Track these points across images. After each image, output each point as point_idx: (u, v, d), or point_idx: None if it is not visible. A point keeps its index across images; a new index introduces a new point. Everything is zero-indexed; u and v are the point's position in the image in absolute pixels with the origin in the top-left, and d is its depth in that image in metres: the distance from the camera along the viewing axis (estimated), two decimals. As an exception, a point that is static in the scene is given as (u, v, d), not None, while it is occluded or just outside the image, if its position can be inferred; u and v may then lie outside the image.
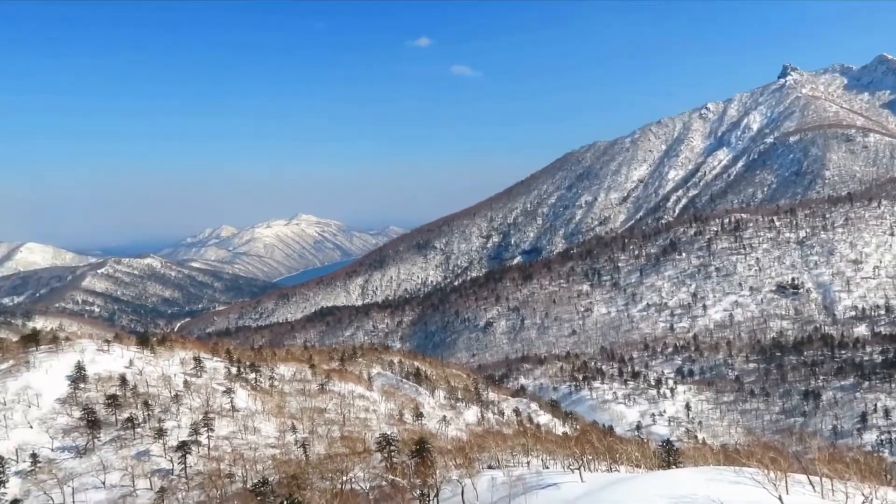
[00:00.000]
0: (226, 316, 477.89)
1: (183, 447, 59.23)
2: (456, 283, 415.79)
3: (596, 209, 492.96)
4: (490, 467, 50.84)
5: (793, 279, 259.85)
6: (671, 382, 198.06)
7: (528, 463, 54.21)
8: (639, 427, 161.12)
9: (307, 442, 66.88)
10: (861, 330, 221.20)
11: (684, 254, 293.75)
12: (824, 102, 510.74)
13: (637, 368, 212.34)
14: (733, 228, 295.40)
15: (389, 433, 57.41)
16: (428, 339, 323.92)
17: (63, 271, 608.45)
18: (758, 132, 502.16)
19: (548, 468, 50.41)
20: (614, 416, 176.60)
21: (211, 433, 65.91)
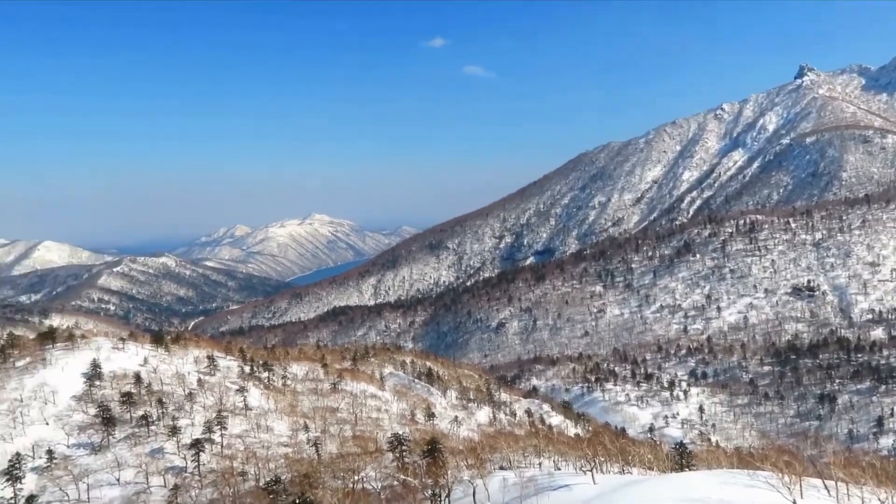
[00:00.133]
0: (239, 315, 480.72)
1: (196, 445, 59.65)
2: (468, 284, 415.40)
3: (609, 210, 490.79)
4: (502, 468, 50.77)
5: (808, 281, 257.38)
6: (684, 384, 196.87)
7: (540, 464, 54.08)
8: (651, 429, 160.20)
9: (319, 441, 67.12)
10: (878, 333, 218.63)
11: (698, 255, 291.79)
12: (841, 103, 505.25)
13: (650, 370, 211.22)
14: (748, 230, 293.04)
15: (401, 433, 57.49)
16: (440, 339, 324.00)
17: (79, 270, 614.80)
18: (774, 133, 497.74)
19: (559, 469, 50.27)
20: (627, 417, 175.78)
21: (224, 431, 66.34)
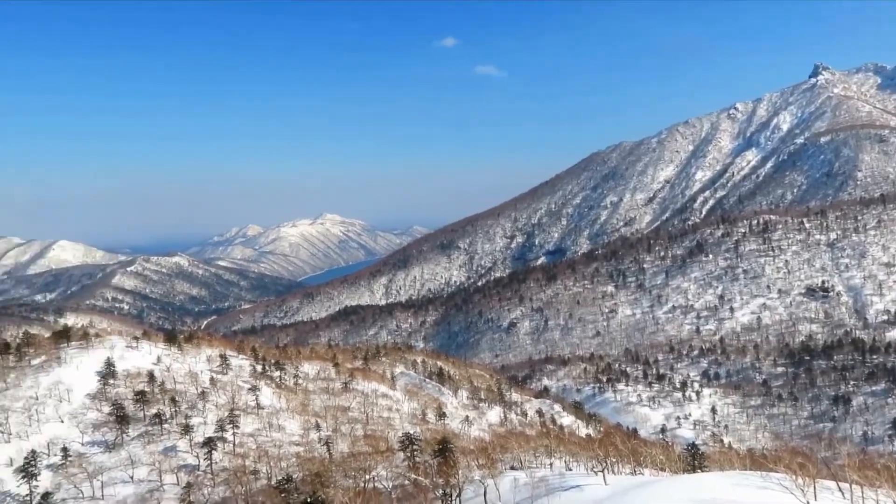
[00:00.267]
0: (251, 314, 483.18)
1: (209, 443, 60.04)
2: (479, 284, 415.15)
3: (621, 210, 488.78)
4: (513, 468, 50.72)
5: (823, 282, 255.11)
6: (697, 385, 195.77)
7: (551, 464, 53.97)
8: (663, 430, 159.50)
9: (331, 440, 67.36)
10: (893, 334, 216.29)
11: (711, 255, 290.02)
12: (857, 102, 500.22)
13: (662, 371, 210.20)
14: (762, 230, 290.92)
15: (412, 432, 57.58)
16: (451, 339, 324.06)
17: (94, 269, 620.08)
18: (788, 132, 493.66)
19: (571, 470, 50.16)
20: (639, 418, 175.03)
21: (236, 430, 66.75)
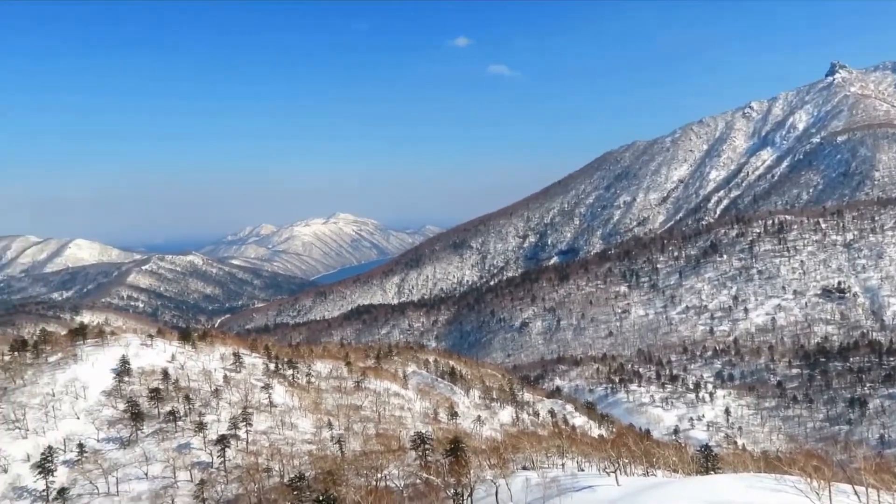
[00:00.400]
0: (265, 313, 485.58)
1: (222, 441, 60.46)
2: (492, 283, 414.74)
3: (634, 210, 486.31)
4: (524, 468, 50.69)
5: (839, 283, 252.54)
6: (710, 387, 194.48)
7: (563, 465, 53.88)
8: (676, 431, 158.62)
9: (343, 438, 67.59)
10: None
11: (725, 256, 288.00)
12: (874, 101, 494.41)
13: (675, 372, 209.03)
14: (777, 230, 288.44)
15: (424, 432, 57.70)
16: (463, 338, 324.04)
17: (109, 267, 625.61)
18: (804, 132, 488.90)
19: (583, 471, 50.04)
20: (651, 419, 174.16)
21: (249, 428, 67.15)
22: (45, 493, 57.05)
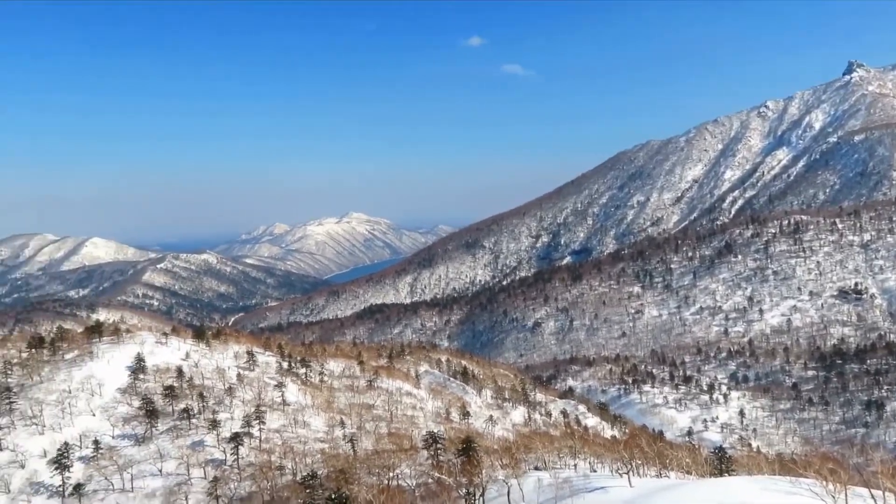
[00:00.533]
0: (278, 311, 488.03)
1: (236, 439, 60.86)
2: (504, 283, 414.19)
3: (648, 209, 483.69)
4: (536, 468, 50.61)
5: (856, 284, 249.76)
6: (724, 388, 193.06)
7: (576, 465, 53.74)
8: (690, 433, 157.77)
9: (355, 437, 67.79)
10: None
11: (740, 256, 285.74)
12: (892, 100, 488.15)
13: (689, 373, 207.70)
14: (793, 230, 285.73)
15: (436, 431, 57.76)
16: (475, 338, 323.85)
17: (125, 266, 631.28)
18: (820, 131, 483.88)
19: (595, 472, 49.89)
20: (664, 420, 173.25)
21: (262, 426, 67.52)
22: (61, 488, 57.72)
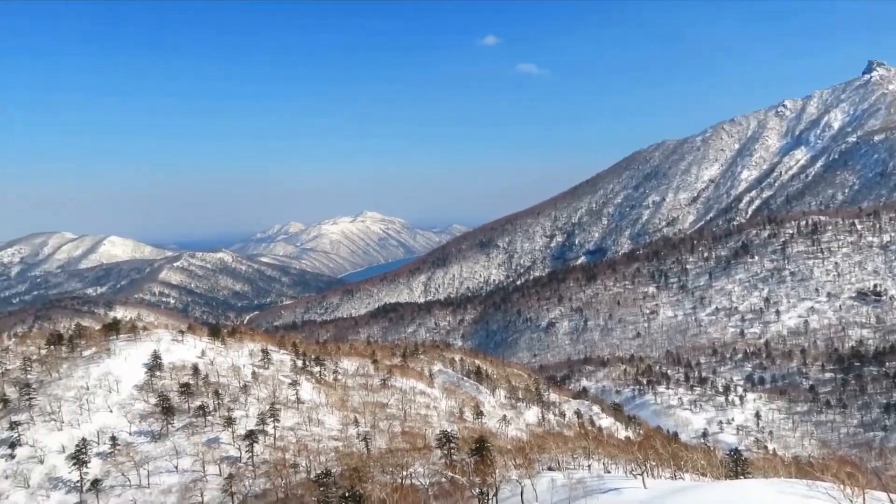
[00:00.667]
0: (292, 310, 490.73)
1: (250, 436, 61.28)
2: (518, 283, 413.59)
3: (664, 209, 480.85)
4: (550, 469, 50.48)
5: (875, 286, 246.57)
6: (740, 390, 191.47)
7: (589, 466, 53.56)
8: (705, 434, 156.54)
9: (369, 436, 67.99)
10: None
11: (757, 257, 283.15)
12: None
13: (704, 374, 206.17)
14: (811, 231, 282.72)
15: (449, 430, 57.79)
16: (489, 337, 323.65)
17: (142, 264, 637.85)
18: (839, 131, 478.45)
19: (609, 472, 49.72)
20: (679, 422, 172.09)
21: (277, 423, 67.92)
22: (79, 483, 58.45)
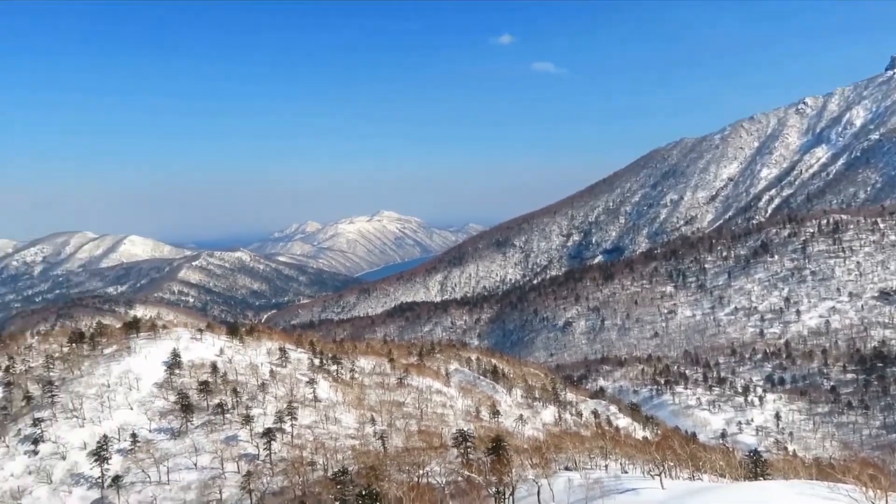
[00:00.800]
0: (310, 309, 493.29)
1: (268, 434, 61.76)
2: (535, 282, 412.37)
3: (682, 208, 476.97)
4: (567, 469, 50.35)
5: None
6: (760, 390, 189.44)
7: (606, 466, 53.31)
8: (724, 435, 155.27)
9: (385, 434, 68.22)
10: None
11: (777, 256, 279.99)
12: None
13: (723, 374, 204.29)
14: (832, 230, 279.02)
15: (466, 429, 57.78)
16: (506, 337, 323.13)
17: (161, 263, 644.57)
18: (861, 128, 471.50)
19: (626, 473, 49.47)
20: (697, 422, 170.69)
21: (294, 422, 68.37)
22: (100, 480, 59.25)
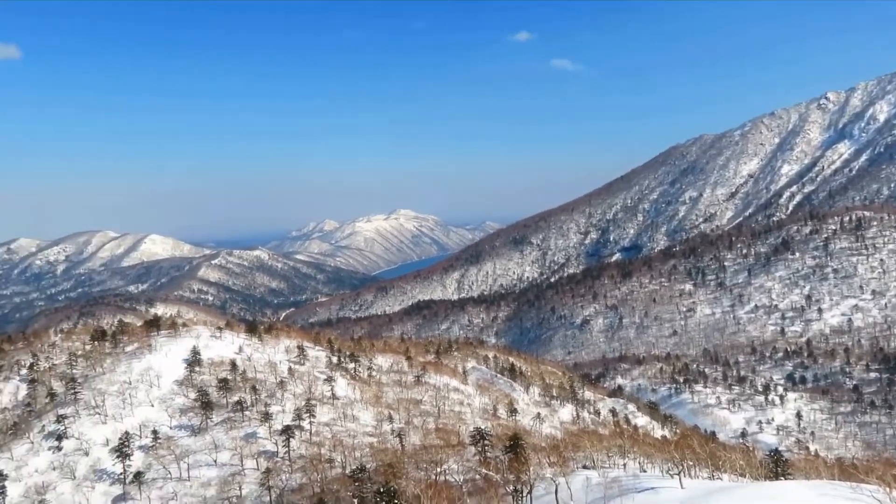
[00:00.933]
0: (327, 307, 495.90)
1: (287, 431, 62.22)
2: (552, 280, 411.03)
3: (701, 205, 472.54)
4: (585, 467, 50.16)
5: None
6: (781, 389, 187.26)
7: (625, 465, 53.06)
8: (744, 434, 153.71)
9: (403, 432, 68.44)
10: None
11: (798, 253, 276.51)
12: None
13: (743, 373, 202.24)
14: (854, 227, 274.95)
15: (483, 427, 57.81)
16: (523, 335, 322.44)
17: (181, 262, 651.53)
18: (885, 123, 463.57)
19: (645, 472, 49.20)
20: (717, 421, 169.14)
21: (313, 419, 68.82)
22: (122, 475, 60.10)
